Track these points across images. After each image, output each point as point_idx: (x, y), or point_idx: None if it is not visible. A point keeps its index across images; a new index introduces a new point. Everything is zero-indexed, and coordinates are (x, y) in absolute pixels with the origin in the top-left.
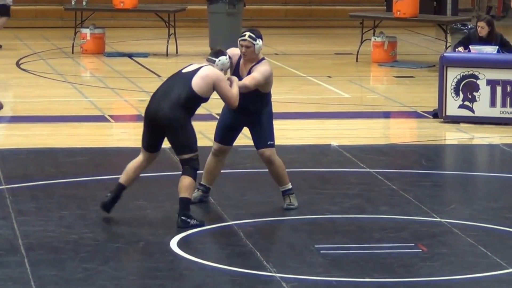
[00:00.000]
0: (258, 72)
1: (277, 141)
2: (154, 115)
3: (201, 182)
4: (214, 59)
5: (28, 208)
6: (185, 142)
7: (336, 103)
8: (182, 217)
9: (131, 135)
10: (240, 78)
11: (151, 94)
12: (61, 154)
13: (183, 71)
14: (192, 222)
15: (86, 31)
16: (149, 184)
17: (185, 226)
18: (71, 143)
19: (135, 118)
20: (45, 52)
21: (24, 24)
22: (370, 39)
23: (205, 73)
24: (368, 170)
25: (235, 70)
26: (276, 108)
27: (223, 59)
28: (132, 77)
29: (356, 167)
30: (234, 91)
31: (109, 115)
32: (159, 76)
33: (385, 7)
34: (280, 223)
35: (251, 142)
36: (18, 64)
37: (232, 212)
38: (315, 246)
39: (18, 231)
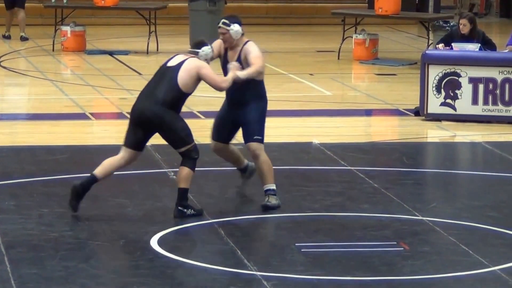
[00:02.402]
0: (252, 52)
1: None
2: (141, 114)
3: (237, 168)
4: (197, 50)
5: (7, 206)
6: (178, 136)
7: (318, 100)
8: (179, 207)
9: (112, 133)
10: (226, 61)
11: (132, 91)
12: (41, 152)
13: (168, 64)
14: (189, 212)
15: (67, 29)
16: (130, 182)
17: (181, 216)
18: (52, 141)
19: (116, 116)
20: (25, 50)
21: (4, 22)
22: (352, 37)
23: (189, 67)
24: (349, 168)
25: (224, 58)
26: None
27: (206, 49)
28: (112, 75)
29: (338, 165)
30: (224, 78)
31: (89, 113)
32: (139, 73)
33: (367, 4)
34: (261, 221)
35: (233, 141)
36: None
37: (213, 210)
38: (296, 244)
39: None
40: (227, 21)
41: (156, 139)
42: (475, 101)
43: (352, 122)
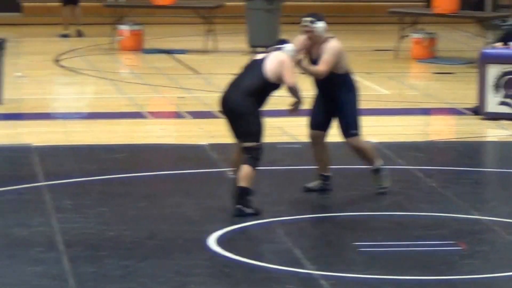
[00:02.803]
0: (326, 53)
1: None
2: (225, 104)
3: (319, 173)
4: (281, 46)
5: (67, 205)
6: (251, 130)
7: (375, 99)
8: (237, 206)
9: (169, 132)
10: (313, 60)
11: (190, 90)
12: (99, 151)
13: (255, 58)
14: (248, 211)
15: (125, 28)
16: (187, 181)
17: (239, 215)
18: (109, 140)
19: (174, 114)
20: (83, 49)
21: (60, 21)
22: (410, 36)
23: (273, 60)
24: (407, 167)
25: (309, 56)
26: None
27: (289, 47)
28: (170, 74)
29: (395, 164)
30: (294, 79)
31: (147, 112)
32: (197, 72)
33: (424, 3)
34: (320, 221)
35: (290, 139)
36: (56, 61)
37: (271, 209)
38: (355, 243)
39: (57, 228)
40: (312, 19)
41: (213, 138)
42: None
43: (409, 121)
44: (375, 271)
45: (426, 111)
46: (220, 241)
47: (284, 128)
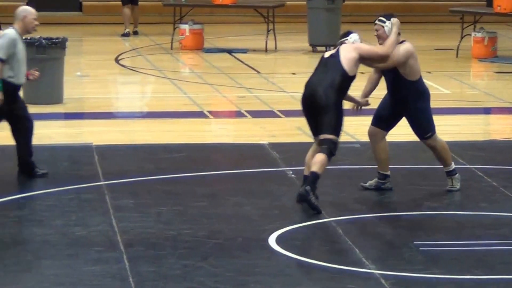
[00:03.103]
0: (396, 52)
1: None
2: (311, 98)
3: (377, 170)
4: (346, 38)
5: (126, 204)
6: (332, 122)
7: (436, 99)
8: (306, 187)
9: (229, 131)
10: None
11: (251, 90)
12: (159, 150)
13: (325, 56)
14: (312, 198)
15: (185, 27)
16: (248, 181)
17: (304, 195)
18: (170, 139)
19: (234, 114)
20: (143, 48)
21: (123, 20)
22: (471, 35)
23: (345, 51)
24: (468, 166)
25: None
26: (376, 104)
27: (354, 36)
28: (231, 73)
29: (456, 163)
30: (381, 46)
31: (207, 111)
32: (258, 72)
33: (485, 2)
34: (379, 220)
35: (350, 139)
36: (117, 60)
37: (330, 208)
38: (415, 242)
39: (117, 227)
40: (383, 18)
41: (273, 138)
42: None
43: (470, 120)
44: (435, 271)
45: (487, 110)
46: (280, 240)
47: (344, 128)
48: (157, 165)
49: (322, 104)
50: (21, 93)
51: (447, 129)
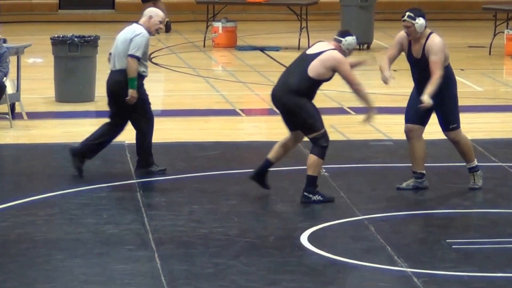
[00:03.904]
0: (434, 54)
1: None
2: (274, 100)
3: (412, 170)
4: (341, 38)
5: (158, 202)
6: (306, 122)
7: (469, 96)
8: (305, 193)
9: (262, 129)
10: (414, 59)
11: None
12: (192, 148)
13: (307, 52)
14: (315, 198)
15: (218, 25)
16: (279, 179)
17: (306, 201)
18: (202, 137)
19: (267, 112)
20: (176, 46)
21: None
22: (504, 32)
23: (325, 58)
24: (501, 164)
25: (409, 52)
26: (403, 102)
27: (349, 39)
28: (263, 71)
29: (489, 161)
30: (360, 82)
31: (240, 109)
32: None
33: None
34: (412, 218)
35: (382, 137)
36: (150, 58)
37: (363, 206)
38: (447, 240)
39: (149, 225)
40: (412, 14)
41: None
42: None
43: (503, 117)
44: (467, 269)
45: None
46: (312, 239)
47: (376, 125)
48: (189, 163)
49: (286, 108)
50: (52, 90)
51: (480, 126)
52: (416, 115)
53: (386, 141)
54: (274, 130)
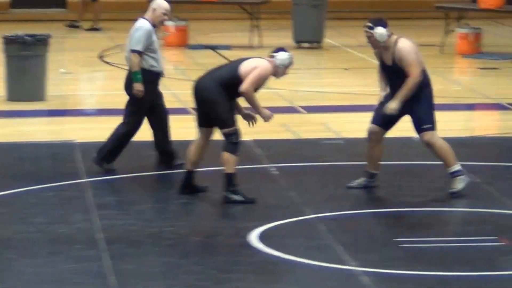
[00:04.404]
0: (404, 58)
1: (361, 134)
2: (195, 89)
3: (365, 169)
4: (274, 54)
5: (109, 201)
6: (221, 117)
7: None
8: (225, 193)
9: None
10: (386, 66)
11: None
12: (143, 147)
13: (244, 57)
14: (236, 197)
15: (170, 24)
16: None
17: (227, 201)
18: (150, 136)
19: None
20: None
21: (107, 17)
22: (455, 31)
23: (256, 62)
24: None
25: (381, 60)
26: (360, 100)
27: (281, 54)
28: None
29: (439, 160)
30: (248, 86)
31: (191, 108)
32: None
33: None
34: (361, 216)
35: (333, 135)
36: (101, 57)
37: (313, 205)
38: (396, 239)
39: (98, 225)
40: (370, 24)
41: (258, 134)
42: None
43: (454, 116)
44: (416, 267)
45: (470, 107)
46: (262, 238)
47: (328, 124)
48: (140, 162)
49: (203, 98)
50: (3, 89)
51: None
52: (382, 119)
53: (337, 140)
54: None
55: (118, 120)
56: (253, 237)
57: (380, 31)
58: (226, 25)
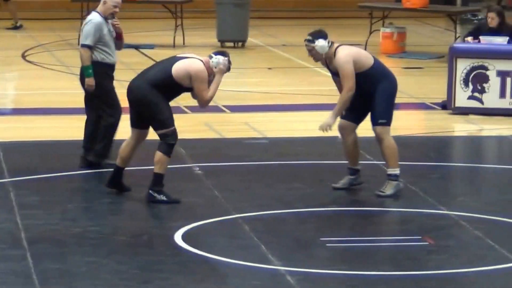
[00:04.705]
0: (340, 69)
1: (285, 133)
2: (129, 91)
3: (348, 166)
4: (212, 55)
5: (31, 201)
6: (157, 117)
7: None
8: (150, 191)
9: None
10: (334, 73)
11: None
12: (66, 146)
13: (178, 55)
14: (160, 197)
15: None
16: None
17: (151, 200)
18: (76, 136)
19: None
20: (50, 44)
21: (30, 16)
22: (379, 30)
23: (188, 63)
24: (375, 162)
25: (329, 70)
26: (284, 100)
27: (219, 57)
28: (138, 69)
29: (364, 159)
30: (208, 93)
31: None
32: None
33: None
34: (286, 216)
35: (257, 135)
36: (23, 56)
37: (237, 205)
38: (321, 239)
39: (21, 224)
40: (310, 38)
41: (181, 134)
42: (502, 95)
43: None
44: (341, 267)
45: (395, 106)
46: (186, 237)
47: (251, 124)
48: (63, 161)
49: (139, 99)
50: None
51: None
52: (352, 112)
53: (261, 140)
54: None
55: (40, 120)
56: (178, 237)
57: (320, 43)
58: (149, 24)
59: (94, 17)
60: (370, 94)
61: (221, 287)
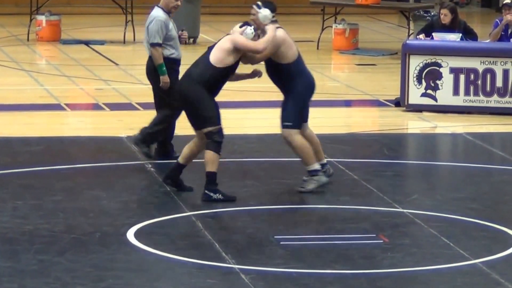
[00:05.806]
0: (266, 34)
1: (238, 131)
2: (177, 91)
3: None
4: (260, 4)
5: None
6: (203, 115)
7: None
8: (205, 191)
9: (87, 124)
10: (268, 64)
11: (108, 82)
12: (16, 144)
13: (210, 46)
14: (216, 196)
15: (42, 18)
16: (106, 174)
17: (207, 200)
18: (27, 132)
19: (92, 106)
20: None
21: None
22: (332, 26)
23: (222, 42)
24: (329, 159)
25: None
26: (234, 97)
27: (248, 29)
28: (88, 65)
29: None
30: (260, 44)
31: (65, 104)
32: (116, 63)
33: None
34: (240, 214)
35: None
36: None
37: (190, 202)
38: (275, 237)
39: None
40: (259, 3)
41: (131, 131)
42: (456, 92)
43: (331, 113)
44: (295, 265)
45: (348, 103)
46: (139, 235)
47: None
48: (13, 158)
49: (184, 98)
50: None
51: (308, 122)
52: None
53: None
54: (99, 124)
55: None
56: (130, 235)
57: (265, 12)
58: (99, 20)
59: (158, 14)
60: (286, 91)
61: (175, 285)
